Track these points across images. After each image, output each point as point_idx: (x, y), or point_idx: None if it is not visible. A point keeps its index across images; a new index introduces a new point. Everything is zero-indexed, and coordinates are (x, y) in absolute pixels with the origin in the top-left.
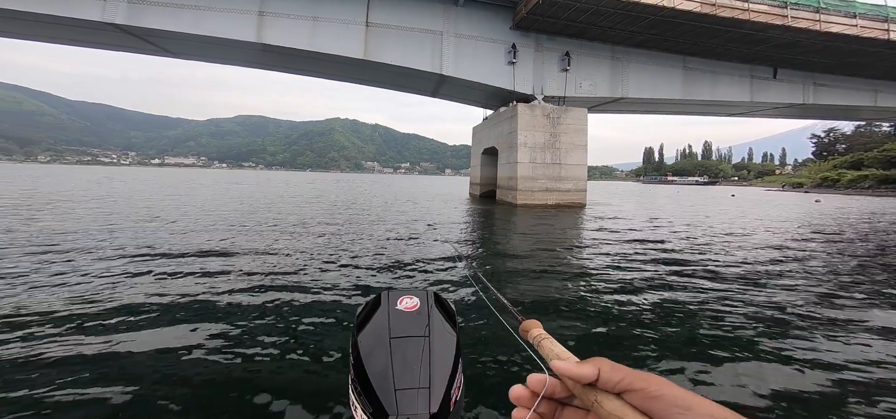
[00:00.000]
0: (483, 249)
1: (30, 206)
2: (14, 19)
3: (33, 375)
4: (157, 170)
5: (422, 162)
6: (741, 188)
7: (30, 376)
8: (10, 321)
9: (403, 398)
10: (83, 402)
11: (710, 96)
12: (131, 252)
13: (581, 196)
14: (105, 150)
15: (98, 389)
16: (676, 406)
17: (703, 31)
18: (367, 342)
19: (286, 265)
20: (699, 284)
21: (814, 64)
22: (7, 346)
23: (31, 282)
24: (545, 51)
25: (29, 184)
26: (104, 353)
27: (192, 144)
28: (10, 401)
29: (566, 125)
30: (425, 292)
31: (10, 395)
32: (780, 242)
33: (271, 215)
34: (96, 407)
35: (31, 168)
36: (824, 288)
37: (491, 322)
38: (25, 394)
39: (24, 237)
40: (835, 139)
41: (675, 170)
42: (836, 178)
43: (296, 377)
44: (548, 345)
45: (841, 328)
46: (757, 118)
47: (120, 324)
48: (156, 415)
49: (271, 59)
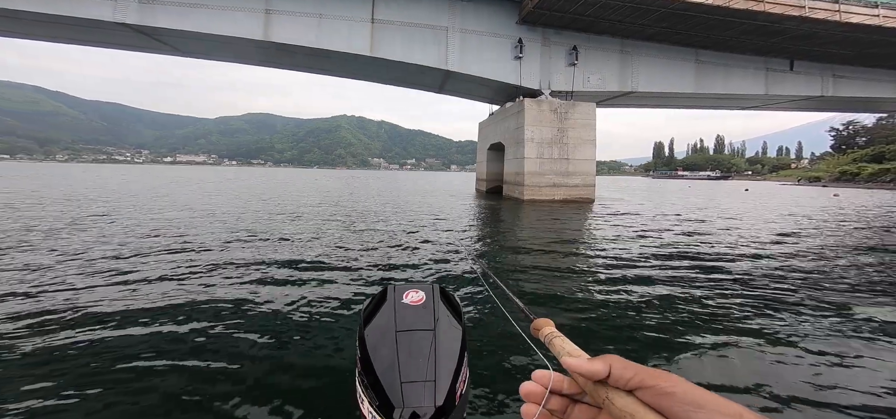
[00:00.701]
0: (491, 245)
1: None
2: (28, 21)
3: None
4: (173, 168)
5: (427, 158)
6: (755, 182)
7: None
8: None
9: (409, 391)
10: (85, 397)
11: (723, 89)
12: (153, 246)
13: (589, 191)
14: (119, 149)
15: (106, 382)
16: (689, 403)
17: (716, 23)
18: (374, 335)
19: (294, 255)
20: (713, 280)
21: (833, 55)
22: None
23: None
24: (552, 45)
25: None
26: (114, 343)
27: (202, 142)
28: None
29: (574, 120)
30: (431, 286)
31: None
32: (799, 236)
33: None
34: (97, 401)
35: (53, 167)
36: (850, 286)
37: (499, 319)
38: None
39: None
40: (855, 132)
41: (685, 164)
42: (856, 172)
43: (302, 369)
44: (559, 343)
45: (869, 328)
46: (772, 112)
47: (127, 315)
48: (165, 407)
49: (278, 57)
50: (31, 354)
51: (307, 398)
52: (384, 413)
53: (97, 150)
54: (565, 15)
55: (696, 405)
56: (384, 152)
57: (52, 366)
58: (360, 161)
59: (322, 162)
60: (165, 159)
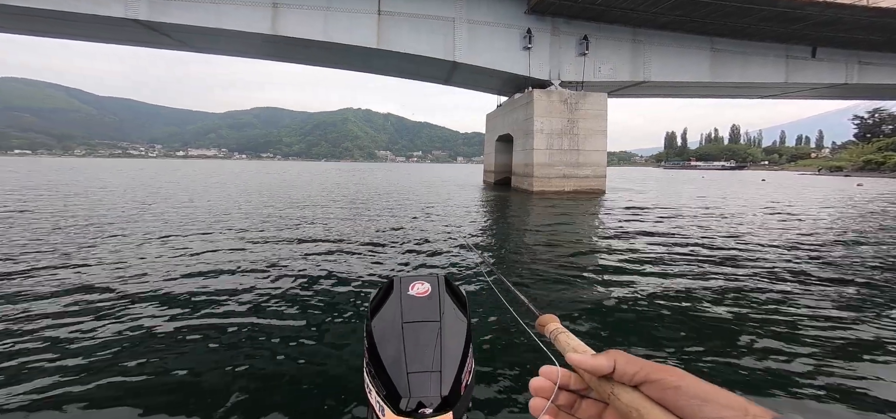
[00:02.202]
0: (498, 237)
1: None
2: (41, 18)
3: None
4: (188, 162)
5: (433, 150)
6: (772, 173)
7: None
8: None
9: (415, 381)
10: (85, 390)
11: (740, 78)
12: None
13: (600, 182)
14: (133, 144)
15: (101, 373)
16: (694, 397)
17: (734, 10)
18: (381, 327)
19: (303, 248)
20: (725, 272)
21: (859, 41)
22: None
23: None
24: (562, 35)
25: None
26: (101, 336)
27: (213, 136)
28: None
29: (585, 111)
30: (436, 277)
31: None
32: (822, 229)
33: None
34: (97, 392)
35: (76, 162)
36: (870, 281)
37: (504, 313)
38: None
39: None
40: (881, 119)
41: (699, 155)
42: (882, 161)
43: (312, 361)
44: (564, 339)
45: (885, 325)
46: (790, 100)
47: (126, 309)
48: (171, 401)
49: (285, 51)
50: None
51: (317, 389)
52: (391, 402)
53: (112, 145)
54: (575, 4)
55: (702, 399)
56: (390, 145)
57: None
58: (367, 154)
59: (329, 155)
60: (178, 153)
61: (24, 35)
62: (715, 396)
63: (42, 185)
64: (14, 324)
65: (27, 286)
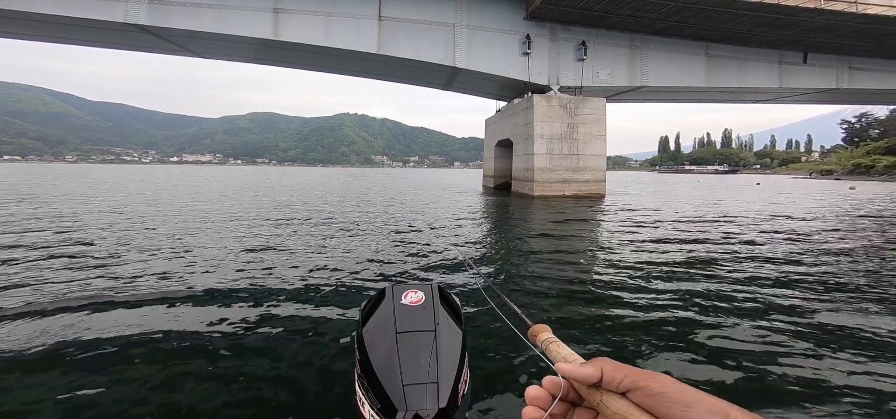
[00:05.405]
0: (499, 243)
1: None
2: (41, 23)
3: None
4: (183, 167)
5: (430, 155)
6: (765, 176)
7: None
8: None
9: (411, 393)
10: (87, 389)
11: (735, 83)
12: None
13: (600, 186)
14: (127, 149)
15: (93, 377)
16: (679, 402)
17: (728, 16)
18: (373, 337)
19: (291, 254)
20: (722, 279)
21: (849, 47)
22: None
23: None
24: (560, 41)
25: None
26: (101, 341)
27: (208, 141)
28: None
29: (584, 115)
30: (430, 286)
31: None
32: (822, 234)
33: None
34: (91, 397)
35: (68, 168)
36: (871, 286)
37: (498, 324)
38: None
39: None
40: (867, 124)
41: (692, 158)
42: (871, 165)
43: (299, 369)
44: (554, 349)
45: (879, 333)
46: (781, 105)
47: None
48: (161, 410)
49: (285, 56)
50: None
51: (304, 399)
52: (386, 415)
53: (105, 151)
54: (574, 10)
55: (686, 404)
56: (387, 150)
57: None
58: (364, 159)
59: (326, 160)
60: (172, 159)
61: (23, 40)
62: (699, 401)
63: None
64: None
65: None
